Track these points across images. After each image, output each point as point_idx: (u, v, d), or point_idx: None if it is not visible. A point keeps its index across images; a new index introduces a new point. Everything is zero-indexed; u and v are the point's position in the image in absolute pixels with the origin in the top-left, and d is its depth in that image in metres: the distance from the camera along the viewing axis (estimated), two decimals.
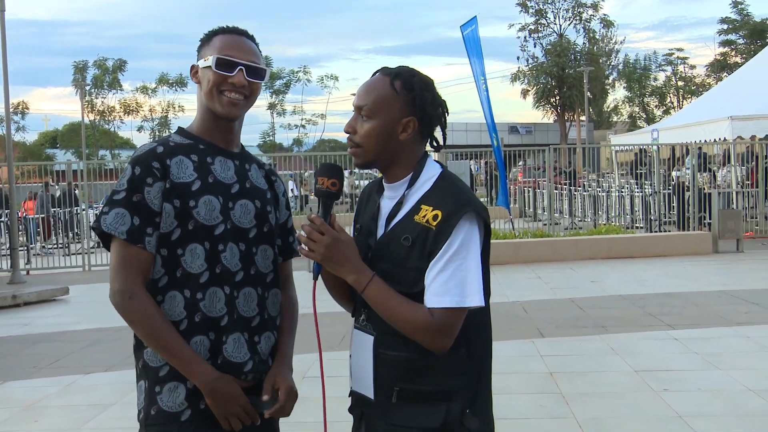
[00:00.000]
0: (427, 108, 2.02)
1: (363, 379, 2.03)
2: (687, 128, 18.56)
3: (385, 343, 1.98)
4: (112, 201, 2.04)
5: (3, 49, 13.61)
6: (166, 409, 2.05)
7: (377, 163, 2.06)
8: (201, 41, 2.19)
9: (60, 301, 11.00)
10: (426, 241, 1.92)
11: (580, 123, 48.91)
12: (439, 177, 2.03)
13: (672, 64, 56.79)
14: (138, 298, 2.01)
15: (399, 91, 2.00)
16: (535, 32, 50.97)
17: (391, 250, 1.98)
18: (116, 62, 45.37)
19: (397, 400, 1.97)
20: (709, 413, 5.05)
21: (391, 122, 2.01)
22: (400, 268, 1.95)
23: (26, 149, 47.93)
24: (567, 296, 9.62)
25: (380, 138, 2.01)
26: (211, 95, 2.11)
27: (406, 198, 2.02)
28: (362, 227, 2.13)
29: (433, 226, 1.92)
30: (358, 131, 2.04)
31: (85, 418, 5.43)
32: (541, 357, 6.62)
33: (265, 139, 46.90)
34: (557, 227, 16.16)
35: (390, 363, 1.97)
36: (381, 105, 2.00)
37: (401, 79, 2.01)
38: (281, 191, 2.32)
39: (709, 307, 8.60)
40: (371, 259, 2.02)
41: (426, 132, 2.05)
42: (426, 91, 2.02)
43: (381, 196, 2.11)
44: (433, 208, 1.94)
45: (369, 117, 2.01)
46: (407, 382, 1.96)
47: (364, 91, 2.04)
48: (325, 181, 2.04)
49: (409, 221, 1.97)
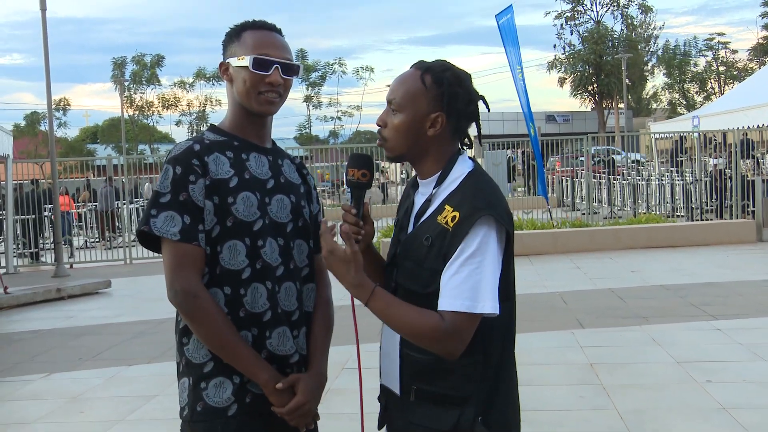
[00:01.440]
0: (457, 104, 1.97)
1: (390, 373, 2.05)
2: (729, 114, 18.21)
3: (408, 344, 1.97)
4: (159, 204, 2.03)
5: (45, 47, 13.86)
6: (213, 404, 2.06)
7: (406, 157, 2.04)
8: (228, 36, 2.17)
9: (102, 294, 11.19)
10: (443, 243, 1.89)
11: (618, 111, 48.23)
12: (467, 176, 1.98)
13: (713, 49, 55.69)
14: (203, 297, 2.01)
15: (428, 85, 1.97)
16: (572, 19, 50.28)
17: (414, 248, 1.96)
18: (154, 58, 45.85)
19: (415, 399, 1.97)
20: (754, 405, 4.96)
21: (419, 117, 1.97)
22: (419, 267, 1.94)
23: (67, 145, 48.70)
24: (606, 286, 9.52)
25: (408, 132, 1.99)
26: (248, 95, 2.10)
27: (435, 196, 1.99)
28: (398, 221, 2.13)
29: (450, 228, 1.89)
30: (388, 124, 2.02)
31: (129, 409, 5.52)
32: (580, 348, 6.56)
33: (302, 132, 47.07)
34: (596, 217, 15.99)
35: (412, 363, 1.97)
36: (409, 99, 1.98)
37: (432, 74, 1.98)
38: (312, 185, 2.34)
39: (752, 297, 8.44)
40: (398, 255, 2.02)
41: (456, 128, 2.01)
42: (458, 87, 1.97)
43: (416, 191, 2.09)
44: (454, 209, 1.91)
45: (398, 111, 1.99)
46: (423, 382, 1.95)
47: (396, 85, 2.02)
48: (356, 172, 2.04)
49: (432, 221, 1.95)
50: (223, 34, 2.20)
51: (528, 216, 14.95)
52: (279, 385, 2.04)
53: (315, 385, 2.13)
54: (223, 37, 2.20)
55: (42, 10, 13.72)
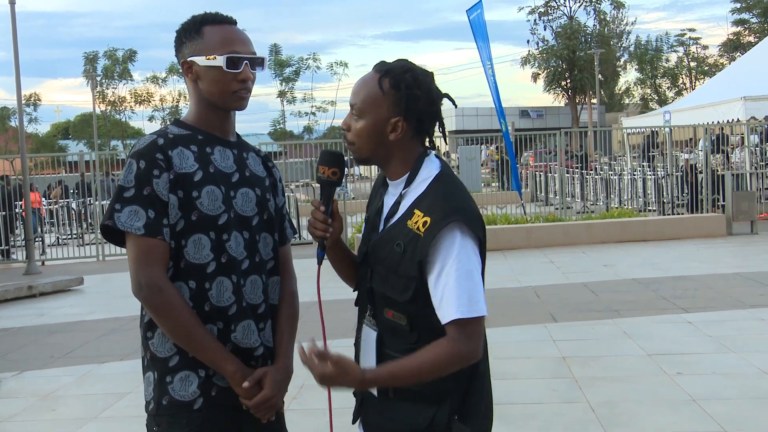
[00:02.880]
0: (417, 107, 1.95)
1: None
2: (700, 109, 18.41)
3: (386, 341, 1.99)
4: (122, 198, 2.02)
5: (14, 42, 13.67)
6: (179, 398, 2.06)
7: (372, 160, 2.04)
8: (185, 31, 2.13)
9: (75, 291, 11.08)
10: (415, 249, 1.89)
11: (591, 106, 48.55)
12: (434, 179, 1.97)
13: (684, 45, 56.25)
14: (167, 291, 2.01)
15: (386, 90, 1.95)
16: (545, 15, 50.54)
17: (385, 253, 1.97)
18: (126, 52, 45.44)
19: (393, 396, 1.98)
20: (724, 396, 5.04)
21: (380, 122, 1.97)
22: (393, 273, 1.94)
23: (39, 140, 48.10)
24: (580, 280, 9.60)
25: (371, 137, 1.99)
26: (221, 94, 2.10)
27: (403, 197, 2.00)
28: (368, 219, 2.14)
29: (421, 233, 1.89)
30: (351, 129, 2.02)
31: (102, 406, 5.48)
32: (553, 342, 6.62)
33: (276, 127, 46.87)
34: (569, 211, 16.10)
35: (388, 360, 1.97)
36: (369, 104, 1.97)
37: (390, 77, 1.96)
38: (278, 177, 2.34)
39: (723, 290, 8.56)
40: (368, 255, 2.03)
41: (418, 129, 2.00)
42: (416, 89, 1.95)
43: (386, 190, 2.09)
44: (424, 214, 1.90)
45: (359, 116, 1.99)
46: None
47: (356, 89, 2.01)
48: (326, 170, 2.05)
49: (402, 226, 1.94)
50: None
51: (502, 211, 15.03)
52: (245, 384, 2.04)
53: (281, 378, 2.14)
54: (178, 30, 2.15)
55: (11, 4, 13.53)
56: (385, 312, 1.99)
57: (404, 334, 1.96)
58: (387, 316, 1.99)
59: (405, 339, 1.96)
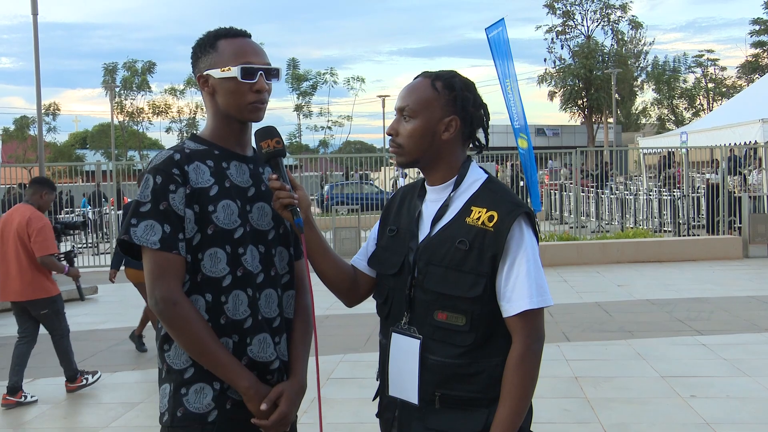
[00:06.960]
0: (469, 107, 2.03)
1: (405, 383, 2.03)
2: (717, 131, 18.32)
3: (430, 348, 1.98)
4: (139, 213, 2.04)
5: (36, 52, 13.81)
6: (193, 410, 2.07)
7: (419, 162, 2.07)
8: (200, 46, 2.17)
9: (89, 300, 11.13)
10: (484, 244, 1.93)
11: (607, 125, 48.47)
12: (487, 180, 2.05)
13: (702, 66, 56.12)
14: (182, 305, 2.02)
15: (440, 90, 2.02)
16: (563, 34, 50.58)
17: (443, 253, 1.97)
18: (145, 64, 45.81)
19: (439, 406, 1.97)
20: (737, 420, 4.99)
21: (434, 121, 2.02)
22: (456, 272, 1.95)
23: (57, 150, 48.49)
24: (593, 300, 9.56)
25: (423, 137, 2.03)
26: (237, 105, 2.11)
27: (452, 200, 2.03)
28: (399, 230, 2.13)
29: (489, 227, 1.93)
30: (400, 132, 2.05)
31: (113, 416, 5.50)
32: (566, 361, 6.58)
33: (292, 141, 47.05)
34: (583, 230, 16.04)
35: (434, 368, 1.97)
36: (423, 104, 2.02)
37: (442, 80, 2.03)
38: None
39: (738, 313, 8.50)
40: (414, 262, 2.02)
41: (468, 132, 2.06)
42: (467, 91, 2.04)
43: (423, 200, 2.11)
44: (488, 209, 1.95)
45: (411, 117, 2.03)
46: (448, 388, 1.96)
47: (406, 93, 2.06)
48: (270, 142, 2.11)
49: (460, 224, 1.97)
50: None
51: None
52: (263, 407, 2.04)
53: (296, 393, 2.15)
54: (194, 46, 2.18)
55: (33, 15, 13.69)
56: (436, 315, 1.98)
57: (458, 336, 1.95)
58: (438, 319, 1.97)
59: (457, 342, 1.95)
